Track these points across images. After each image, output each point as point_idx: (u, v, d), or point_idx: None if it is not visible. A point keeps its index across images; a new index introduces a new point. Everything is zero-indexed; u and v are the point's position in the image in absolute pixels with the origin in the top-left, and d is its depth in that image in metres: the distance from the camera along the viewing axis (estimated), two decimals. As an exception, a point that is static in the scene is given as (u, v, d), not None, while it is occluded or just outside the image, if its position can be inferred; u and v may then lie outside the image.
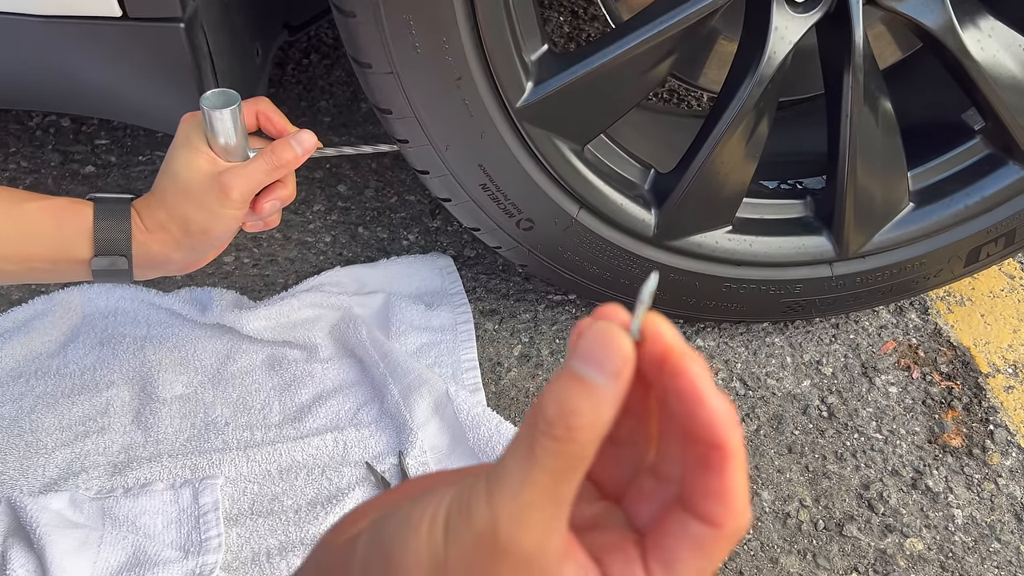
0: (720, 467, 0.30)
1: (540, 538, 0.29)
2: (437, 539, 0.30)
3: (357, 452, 0.92)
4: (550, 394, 0.29)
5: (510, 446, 0.30)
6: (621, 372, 0.29)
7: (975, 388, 1.04)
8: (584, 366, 0.29)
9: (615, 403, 0.29)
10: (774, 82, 0.89)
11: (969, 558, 0.87)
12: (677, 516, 0.31)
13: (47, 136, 1.39)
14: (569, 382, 0.29)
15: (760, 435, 0.98)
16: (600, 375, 0.29)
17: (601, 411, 0.29)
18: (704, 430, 0.29)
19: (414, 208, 1.28)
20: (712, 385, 0.30)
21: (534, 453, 0.29)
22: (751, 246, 1.00)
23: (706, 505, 0.30)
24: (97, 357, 1.01)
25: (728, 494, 0.30)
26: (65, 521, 0.81)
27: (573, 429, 0.28)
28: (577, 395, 0.29)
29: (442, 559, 0.29)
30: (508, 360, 1.06)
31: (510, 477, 0.29)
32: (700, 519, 0.30)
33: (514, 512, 0.29)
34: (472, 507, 0.29)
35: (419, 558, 0.30)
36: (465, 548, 0.29)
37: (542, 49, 0.86)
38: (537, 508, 0.29)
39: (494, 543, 0.29)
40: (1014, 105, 0.93)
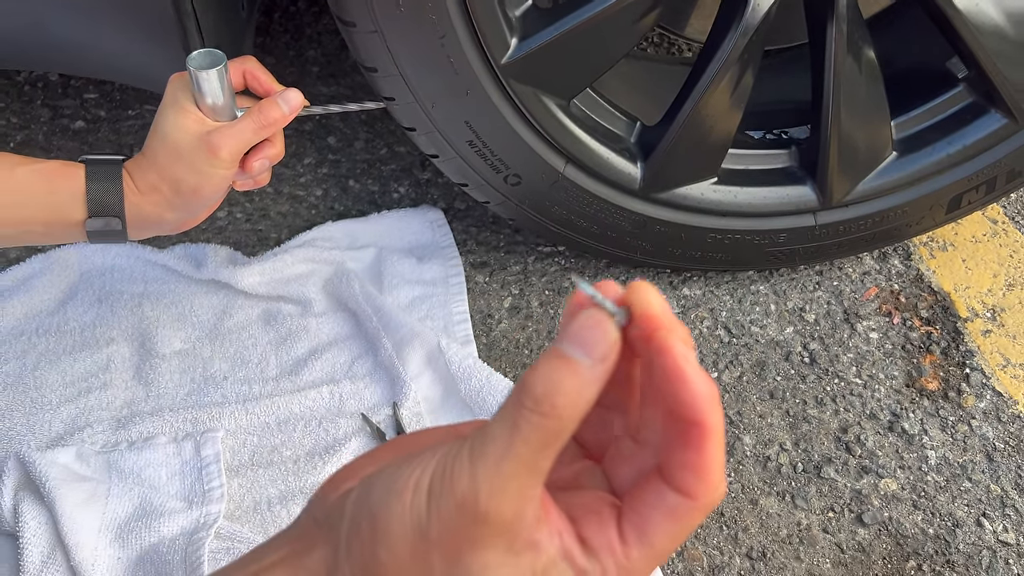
0: (699, 443, 0.31)
1: (517, 506, 0.31)
2: (420, 505, 0.32)
3: (352, 404, 0.95)
4: (538, 372, 0.31)
5: (496, 417, 0.32)
6: (607, 356, 0.31)
7: (953, 332, 1.06)
8: (572, 348, 0.31)
9: (599, 384, 0.31)
10: (759, 32, 0.90)
11: (940, 497, 0.91)
12: (654, 485, 0.33)
13: (35, 91, 1.39)
14: (557, 362, 0.31)
15: (743, 381, 1.01)
16: (587, 358, 0.31)
17: (585, 391, 0.31)
18: (685, 408, 0.31)
19: (404, 160, 1.29)
20: (696, 364, 0.32)
21: (519, 426, 0.31)
22: (736, 197, 1.01)
23: (683, 477, 0.32)
24: (96, 314, 1.03)
25: (705, 469, 0.32)
26: (73, 475, 0.84)
27: (558, 407, 0.30)
28: (564, 374, 0.31)
29: (425, 524, 0.32)
30: (499, 312, 1.08)
31: (493, 448, 0.31)
32: (676, 490, 0.32)
33: (494, 482, 0.31)
34: (455, 476, 0.31)
35: (403, 523, 0.32)
36: (447, 515, 0.31)
37: (526, 4, 0.86)
38: (516, 479, 0.31)
39: (474, 511, 0.31)
40: (996, 54, 0.94)
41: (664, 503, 0.32)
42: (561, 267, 1.14)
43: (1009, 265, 1.15)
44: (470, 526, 0.31)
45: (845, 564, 0.86)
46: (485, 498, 0.31)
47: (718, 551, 0.86)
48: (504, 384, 0.94)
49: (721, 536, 0.87)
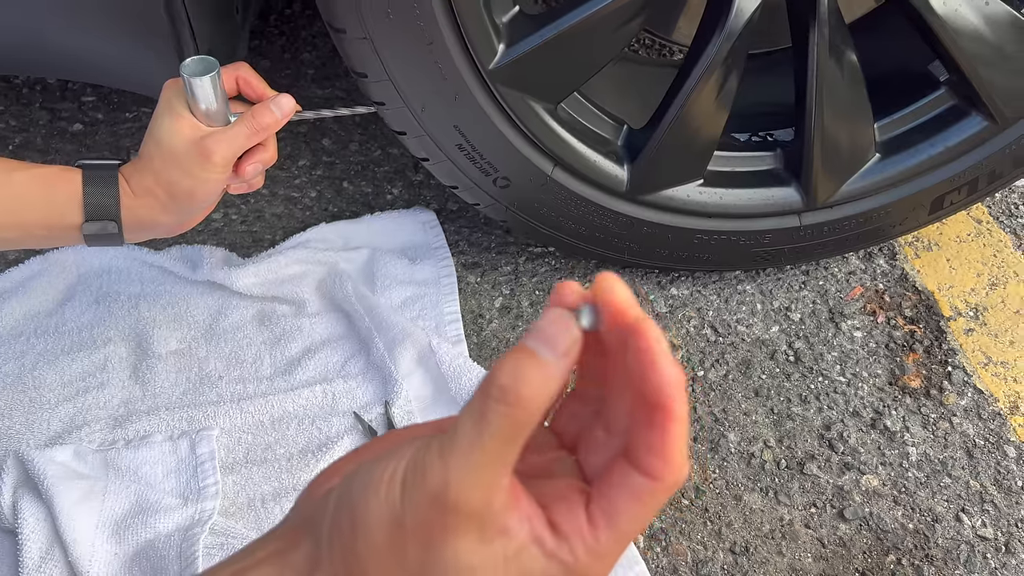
0: (663, 426, 0.33)
1: (487, 495, 0.33)
2: (395, 497, 0.34)
3: (345, 402, 0.97)
4: (504, 365, 0.33)
5: (464, 410, 0.33)
6: (569, 351, 0.33)
7: (936, 331, 1.08)
8: (537, 343, 0.33)
9: (561, 378, 0.33)
10: (742, 37, 0.91)
11: (921, 492, 0.93)
12: (620, 468, 0.35)
13: (34, 94, 1.41)
14: (523, 355, 0.33)
15: (728, 379, 1.03)
16: (550, 353, 0.33)
17: (548, 383, 0.33)
18: (654, 391, 0.33)
19: (397, 161, 1.31)
20: (667, 351, 0.34)
21: (486, 417, 0.32)
22: (722, 198, 1.03)
23: (648, 459, 0.34)
24: (93, 315, 1.05)
25: (668, 451, 0.33)
26: (71, 472, 0.86)
27: (523, 398, 0.32)
28: (529, 367, 0.33)
29: (400, 515, 0.33)
30: (489, 312, 1.10)
31: (462, 440, 0.33)
32: (641, 472, 0.34)
33: (464, 472, 0.32)
34: (426, 468, 0.33)
35: (380, 515, 0.34)
36: (420, 506, 0.33)
37: (513, 11, 0.88)
38: (484, 468, 0.33)
39: (445, 500, 0.33)
40: (976, 57, 0.95)
41: (630, 485, 0.34)
42: (551, 268, 1.16)
43: (993, 265, 1.17)
44: (442, 515, 0.33)
45: (826, 559, 0.88)
46: (455, 488, 0.32)
47: (702, 546, 0.88)
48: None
49: (705, 531, 0.89)
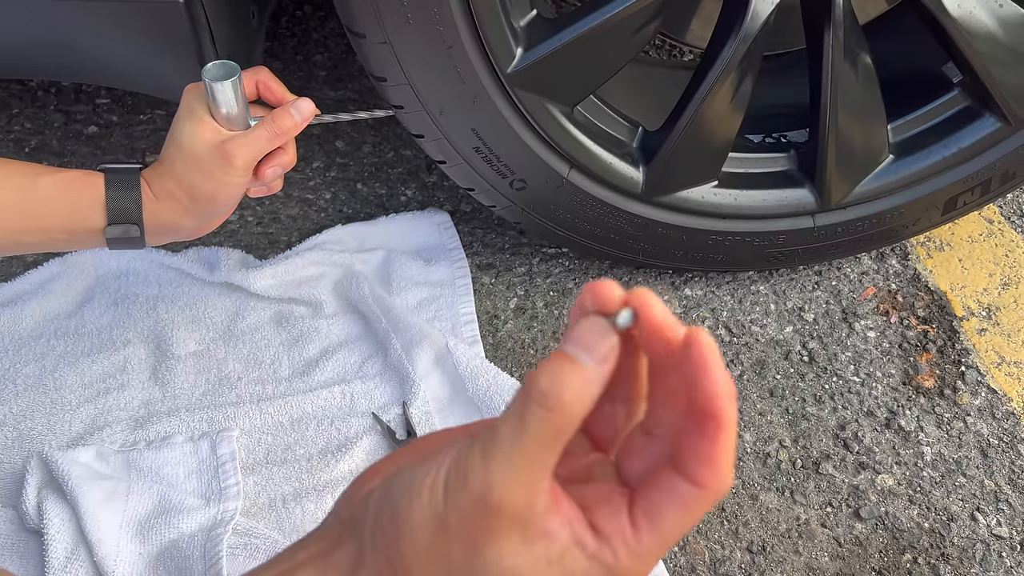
0: (714, 436, 0.34)
1: (528, 497, 0.34)
2: (438, 500, 0.34)
3: (363, 403, 0.98)
4: (544, 370, 0.34)
5: (504, 415, 0.34)
6: (607, 357, 0.34)
7: (949, 331, 1.09)
8: (576, 349, 0.34)
9: (600, 383, 0.34)
10: (758, 40, 0.92)
11: (935, 492, 0.93)
12: (666, 474, 0.36)
13: (49, 96, 1.42)
14: (562, 361, 0.34)
15: (744, 380, 1.04)
16: (589, 359, 0.34)
17: (588, 388, 0.34)
18: (706, 400, 0.34)
19: (411, 163, 1.32)
20: (719, 359, 0.34)
21: (526, 422, 0.33)
22: (736, 200, 1.04)
23: (696, 468, 0.34)
24: (112, 317, 1.06)
25: (717, 460, 0.34)
26: (94, 473, 0.87)
27: (563, 403, 0.33)
28: (568, 373, 0.34)
29: (443, 517, 0.34)
30: (504, 313, 1.11)
31: (503, 444, 0.34)
32: (688, 479, 0.35)
33: (505, 476, 0.33)
34: (468, 471, 0.34)
35: (423, 516, 0.35)
36: (463, 508, 0.34)
37: (531, 15, 0.89)
38: (526, 472, 0.33)
39: (488, 503, 0.33)
40: (990, 59, 0.96)
41: (676, 491, 0.35)
42: (565, 268, 1.17)
43: (1005, 264, 1.18)
44: (485, 517, 0.34)
45: (843, 557, 0.88)
46: (498, 491, 0.33)
47: (719, 545, 0.89)
48: (511, 384, 0.96)
49: (722, 530, 0.90)
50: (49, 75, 1.03)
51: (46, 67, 0.98)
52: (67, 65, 0.96)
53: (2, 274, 1.13)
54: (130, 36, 0.90)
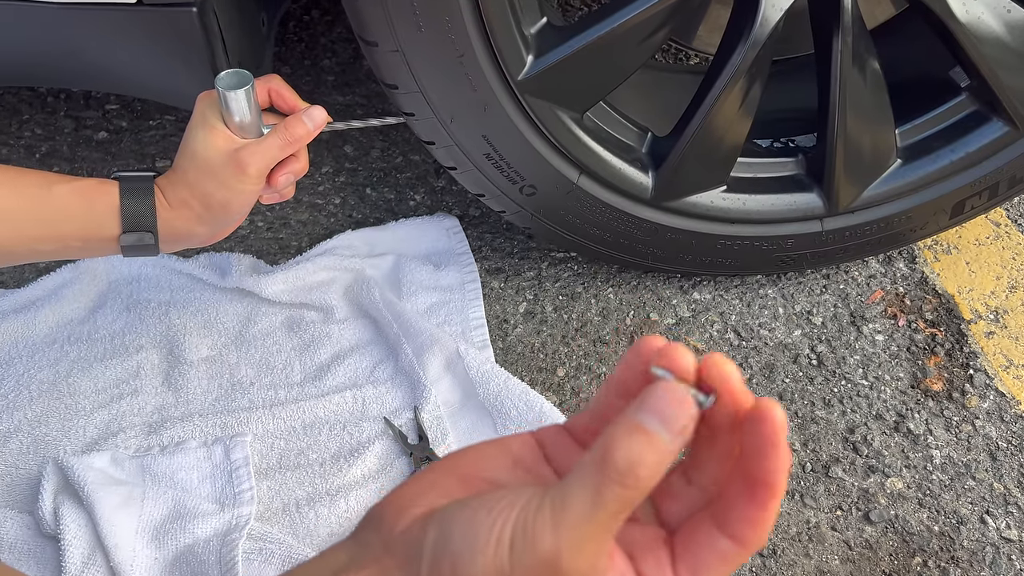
0: (764, 503, 0.35)
1: (594, 561, 0.35)
2: (503, 558, 0.34)
3: (375, 408, 0.98)
4: (621, 446, 0.34)
5: (576, 479, 0.34)
6: (686, 430, 0.34)
7: (957, 334, 1.09)
8: (652, 421, 0.34)
9: (676, 455, 0.34)
10: (767, 46, 0.92)
11: (945, 495, 0.94)
12: (707, 530, 0.36)
13: (59, 102, 1.42)
14: (639, 435, 0.34)
15: (752, 384, 1.04)
16: (666, 433, 0.34)
17: (663, 463, 0.34)
18: (765, 473, 0.35)
19: (419, 168, 1.32)
20: (785, 436, 0.35)
21: (602, 497, 0.34)
22: (745, 204, 1.04)
23: (741, 529, 0.35)
24: (125, 322, 1.07)
25: (763, 524, 0.35)
26: (109, 478, 0.88)
27: (640, 479, 0.33)
28: (645, 448, 0.33)
29: (507, 574, 0.34)
30: (514, 317, 1.12)
31: (574, 511, 0.34)
32: (730, 537, 0.36)
33: (575, 542, 0.34)
34: (537, 534, 0.34)
35: (486, 572, 0.35)
36: (528, 568, 0.34)
37: (541, 22, 0.89)
38: (595, 538, 0.34)
39: (555, 567, 0.34)
40: (997, 63, 0.96)
41: (717, 548, 0.36)
42: (574, 273, 1.17)
43: (1012, 267, 1.18)
44: None
45: (853, 561, 0.89)
46: (567, 557, 0.34)
47: (730, 549, 0.89)
48: (521, 388, 0.97)
49: (733, 534, 0.91)
50: (62, 83, 1.04)
51: (59, 75, 0.98)
52: (80, 73, 0.97)
53: (15, 280, 1.14)
54: (143, 44, 0.90)
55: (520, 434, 0.42)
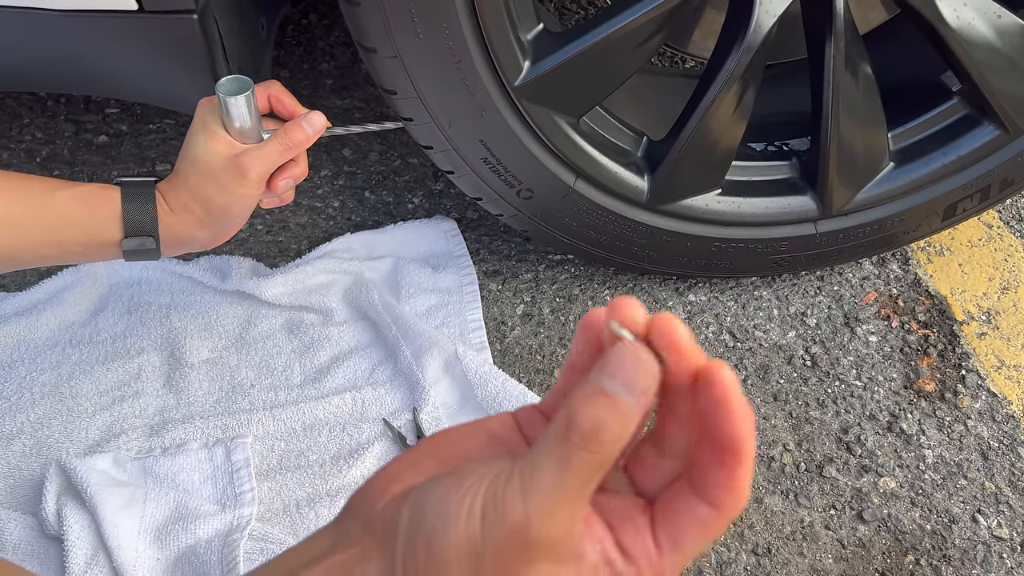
0: (733, 466, 0.35)
1: (567, 527, 0.35)
2: (475, 530, 0.35)
3: (374, 409, 0.99)
4: (582, 410, 0.34)
5: (543, 447, 0.35)
6: (648, 391, 0.34)
7: (950, 335, 1.11)
8: (614, 384, 0.34)
9: (640, 417, 0.34)
10: (761, 51, 0.94)
11: (937, 494, 0.95)
12: (685, 496, 0.37)
13: (59, 106, 1.43)
14: (601, 399, 0.34)
15: (747, 384, 1.06)
16: (629, 395, 0.34)
17: (628, 425, 0.34)
18: (727, 436, 0.35)
19: (417, 171, 1.33)
20: (740, 394, 0.35)
21: (569, 462, 0.34)
22: (739, 207, 1.05)
23: (715, 493, 0.36)
24: (126, 325, 1.08)
25: (737, 488, 0.35)
26: (112, 480, 0.89)
27: (604, 443, 0.34)
28: (608, 412, 0.34)
29: (480, 548, 0.35)
30: (512, 319, 1.13)
31: (543, 478, 0.34)
32: (708, 503, 0.36)
33: (545, 509, 0.34)
34: (507, 504, 0.34)
35: (459, 545, 0.35)
36: (500, 538, 0.34)
37: (538, 28, 0.90)
38: (565, 505, 0.34)
39: (526, 535, 0.34)
40: (989, 69, 0.97)
41: (695, 514, 0.36)
42: (571, 275, 1.18)
43: (1004, 269, 1.19)
44: (522, 548, 0.34)
45: (846, 559, 0.90)
46: (537, 524, 0.34)
47: (725, 548, 0.91)
48: (519, 390, 0.98)
49: (728, 533, 0.92)
50: (63, 88, 1.05)
51: (61, 80, 0.99)
52: (81, 78, 0.98)
53: (17, 283, 1.15)
54: (144, 50, 0.91)
55: (499, 414, 0.43)
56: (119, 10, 0.85)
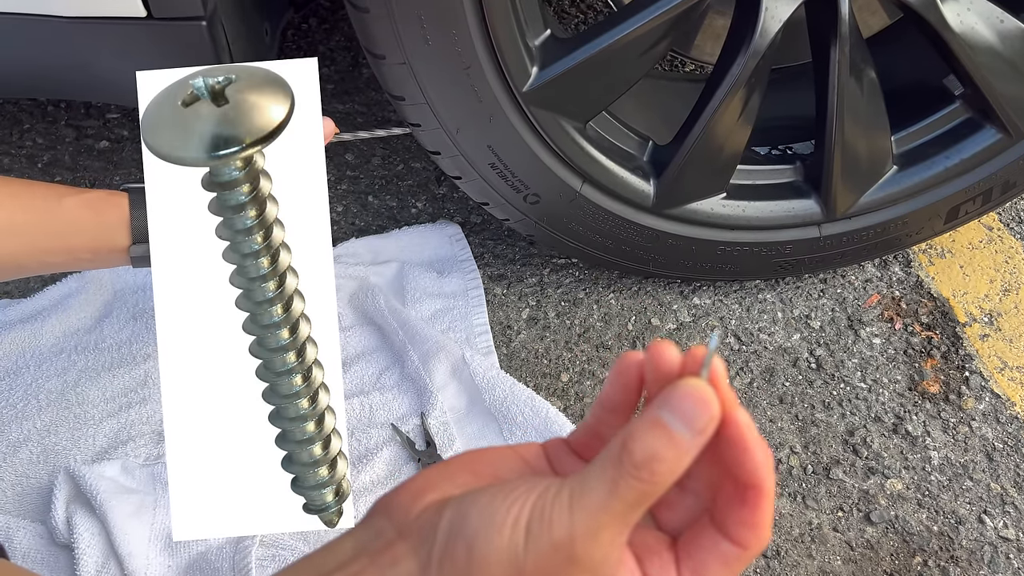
0: (755, 504, 0.36)
1: (608, 551, 0.35)
2: (518, 542, 0.35)
3: (382, 414, 1.00)
4: (639, 439, 0.34)
5: (595, 468, 0.35)
6: (707, 429, 0.34)
7: (953, 337, 1.11)
8: (674, 419, 0.34)
9: (695, 453, 0.35)
10: (766, 56, 0.94)
11: (943, 495, 0.96)
12: (709, 534, 0.37)
13: (59, 111, 1.43)
14: (658, 431, 0.34)
15: (753, 387, 1.06)
16: (687, 431, 0.34)
17: (682, 460, 0.34)
18: (747, 474, 0.35)
19: (420, 175, 1.33)
20: (756, 434, 0.35)
21: (618, 487, 0.34)
22: (744, 211, 1.06)
23: (738, 531, 0.36)
24: (132, 331, 1.08)
25: (760, 525, 0.36)
26: (120, 487, 0.89)
27: (655, 473, 0.34)
28: (664, 445, 0.34)
29: (521, 560, 0.35)
30: (517, 323, 1.13)
31: (591, 499, 0.35)
32: (731, 540, 0.36)
33: (591, 530, 0.34)
34: (554, 519, 0.35)
35: (500, 556, 0.35)
36: (543, 553, 0.35)
37: (545, 35, 0.91)
38: (609, 529, 0.35)
39: (569, 553, 0.35)
40: (992, 72, 0.98)
41: (719, 551, 0.36)
42: (576, 279, 1.19)
43: (1005, 271, 1.20)
44: (563, 565, 0.35)
45: (855, 561, 0.90)
46: (581, 543, 0.34)
47: (734, 550, 0.91)
48: (527, 394, 0.98)
49: (736, 536, 0.92)
50: (71, 95, 1.05)
51: (67, 87, 0.99)
52: (88, 85, 0.98)
53: (21, 290, 1.14)
54: (152, 56, 0.91)
55: (528, 443, 0.43)
56: (128, 17, 0.85)
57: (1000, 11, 0.96)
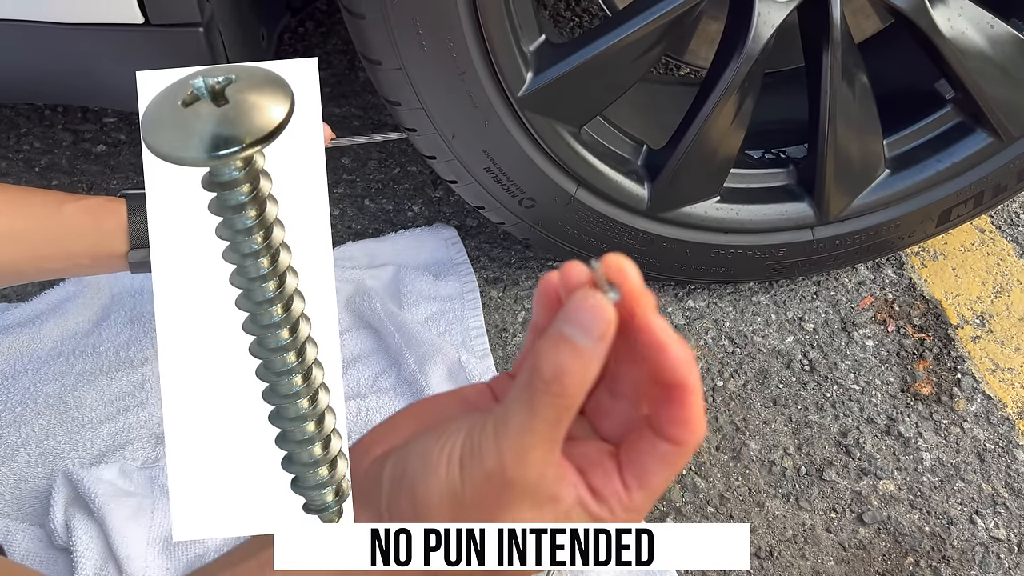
0: (682, 401, 0.37)
1: (540, 470, 0.37)
2: (454, 477, 0.37)
3: (378, 417, 1.00)
4: (545, 356, 0.35)
5: (511, 397, 0.36)
6: (605, 334, 0.35)
7: (945, 339, 1.12)
8: (573, 329, 0.35)
9: (600, 360, 0.35)
10: (759, 61, 0.95)
11: (935, 496, 0.97)
12: (647, 436, 0.38)
13: (56, 116, 1.43)
14: (561, 345, 0.35)
15: (747, 389, 1.07)
16: (587, 339, 0.35)
17: (589, 369, 0.35)
18: (669, 373, 0.36)
19: (416, 179, 1.34)
20: (672, 334, 0.36)
21: (535, 407, 0.35)
22: (738, 214, 1.07)
23: (672, 430, 0.37)
24: (129, 335, 1.08)
25: (690, 421, 0.37)
26: (119, 491, 0.89)
27: (566, 386, 0.35)
28: (568, 357, 0.35)
29: (459, 493, 0.37)
30: (513, 326, 1.14)
31: (513, 424, 0.36)
32: (667, 440, 0.37)
33: (518, 453, 0.36)
34: (483, 450, 0.37)
35: (440, 492, 0.37)
36: (479, 484, 0.37)
37: (540, 40, 0.91)
38: (536, 448, 0.36)
39: (502, 478, 0.36)
40: (982, 77, 0.99)
41: (657, 451, 0.38)
42: (571, 281, 1.19)
43: (997, 273, 1.21)
44: (500, 491, 0.37)
45: (848, 561, 0.91)
46: (512, 468, 0.36)
47: (728, 551, 0.92)
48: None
49: (730, 537, 0.93)
50: (68, 100, 1.06)
51: (67, 93, 1.00)
52: (87, 90, 0.98)
53: (18, 294, 1.15)
54: (150, 62, 0.92)
55: (474, 384, 0.44)
56: (125, 23, 0.85)
57: (990, 16, 0.97)
